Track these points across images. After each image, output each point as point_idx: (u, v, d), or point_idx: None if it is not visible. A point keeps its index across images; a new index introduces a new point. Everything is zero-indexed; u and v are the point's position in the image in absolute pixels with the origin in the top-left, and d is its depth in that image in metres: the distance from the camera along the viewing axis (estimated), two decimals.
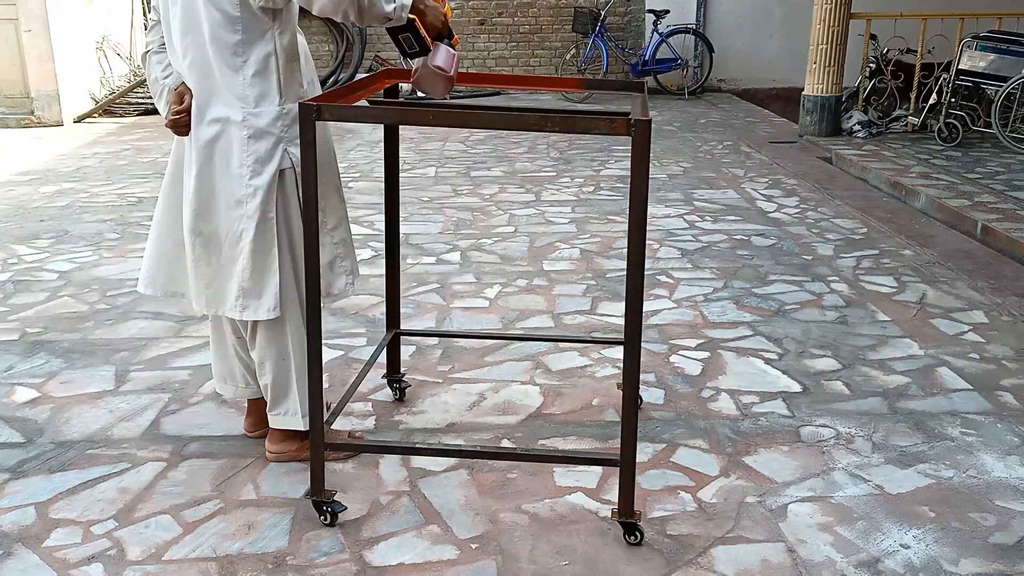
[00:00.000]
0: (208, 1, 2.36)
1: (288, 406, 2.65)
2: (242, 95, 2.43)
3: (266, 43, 2.43)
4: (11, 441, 2.87)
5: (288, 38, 2.48)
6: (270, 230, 2.47)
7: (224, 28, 2.38)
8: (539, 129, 2.13)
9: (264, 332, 2.58)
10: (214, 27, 2.38)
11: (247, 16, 2.38)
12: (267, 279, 2.49)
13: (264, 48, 2.43)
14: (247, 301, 2.50)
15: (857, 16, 8.06)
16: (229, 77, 2.42)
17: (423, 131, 8.77)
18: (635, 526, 2.33)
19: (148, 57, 2.65)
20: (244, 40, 2.40)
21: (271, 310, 2.50)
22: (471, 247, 4.96)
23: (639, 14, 11.96)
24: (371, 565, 2.26)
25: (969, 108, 7.76)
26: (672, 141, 8.37)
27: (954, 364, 3.45)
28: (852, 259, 4.77)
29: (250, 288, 2.50)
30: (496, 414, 3.05)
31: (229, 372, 2.77)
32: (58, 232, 5.29)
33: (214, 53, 2.41)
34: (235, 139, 2.44)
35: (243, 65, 2.42)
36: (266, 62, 2.44)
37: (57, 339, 3.68)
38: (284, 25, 2.46)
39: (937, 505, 2.52)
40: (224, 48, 2.40)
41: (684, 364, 3.46)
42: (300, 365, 2.57)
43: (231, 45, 2.40)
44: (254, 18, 2.39)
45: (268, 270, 2.49)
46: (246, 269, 2.48)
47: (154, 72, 2.62)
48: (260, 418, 2.80)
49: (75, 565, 2.26)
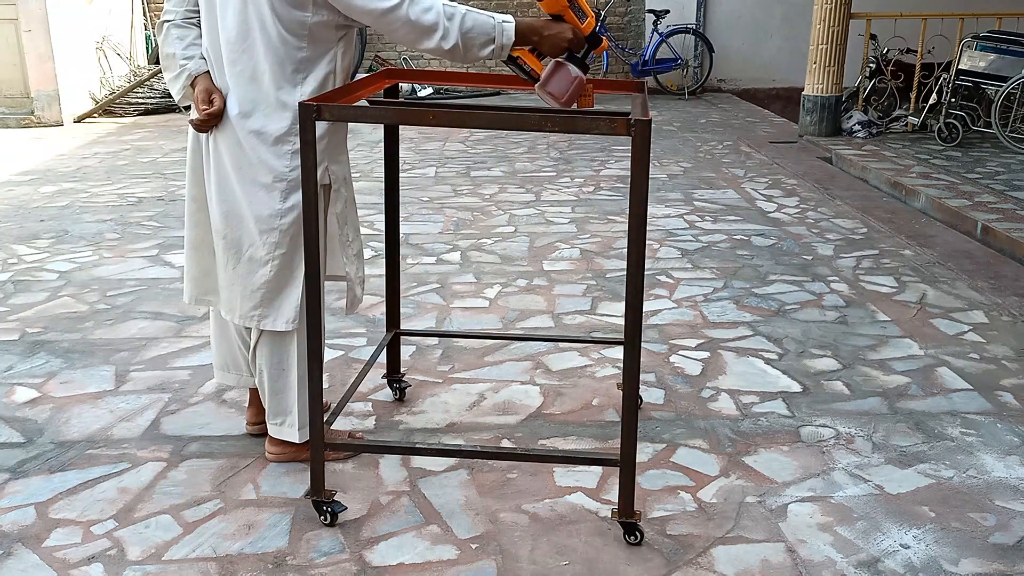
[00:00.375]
0: (276, 15, 2.30)
1: (286, 417, 2.63)
2: (295, 111, 2.35)
3: (328, 63, 2.41)
4: (11, 441, 2.87)
5: (348, 59, 2.47)
6: (300, 244, 2.42)
7: (289, 44, 2.34)
8: (539, 129, 2.13)
9: (270, 341, 2.57)
10: (278, 41, 2.33)
11: (316, 34, 2.35)
12: (290, 292, 2.49)
13: (326, 67, 2.41)
14: (266, 311, 2.50)
15: (857, 16, 8.06)
16: (286, 92, 2.37)
17: (423, 131, 8.77)
18: (635, 526, 2.33)
19: (167, 28, 2.50)
20: (308, 58, 2.37)
21: (289, 322, 2.50)
22: (471, 247, 4.96)
23: (639, 14, 11.96)
24: (371, 565, 2.26)
25: (969, 108, 7.76)
26: (672, 141, 8.37)
27: (954, 364, 3.45)
28: (852, 259, 4.77)
29: (272, 299, 2.49)
30: (496, 414, 3.05)
31: (232, 361, 2.75)
32: (58, 232, 5.29)
33: (273, 66, 2.35)
34: (275, 152, 2.40)
35: (303, 82, 2.38)
36: (325, 81, 2.42)
37: (57, 339, 3.68)
38: (346, 46, 2.44)
39: (937, 505, 2.53)
40: (286, 63, 2.35)
41: (684, 364, 3.46)
42: (303, 377, 2.53)
43: (295, 61, 2.36)
44: (322, 37, 2.36)
45: (292, 284, 2.49)
46: (271, 280, 2.47)
47: (173, 47, 2.47)
48: (262, 409, 2.76)
49: (75, 565, 2.26)
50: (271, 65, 2.35)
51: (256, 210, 2.44)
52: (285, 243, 2.46)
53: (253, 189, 2.43)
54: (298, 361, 2.55)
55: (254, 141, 2.40)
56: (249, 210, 2.44)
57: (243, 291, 2.51)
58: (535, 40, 2.34)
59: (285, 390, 2.60)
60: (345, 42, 2.44)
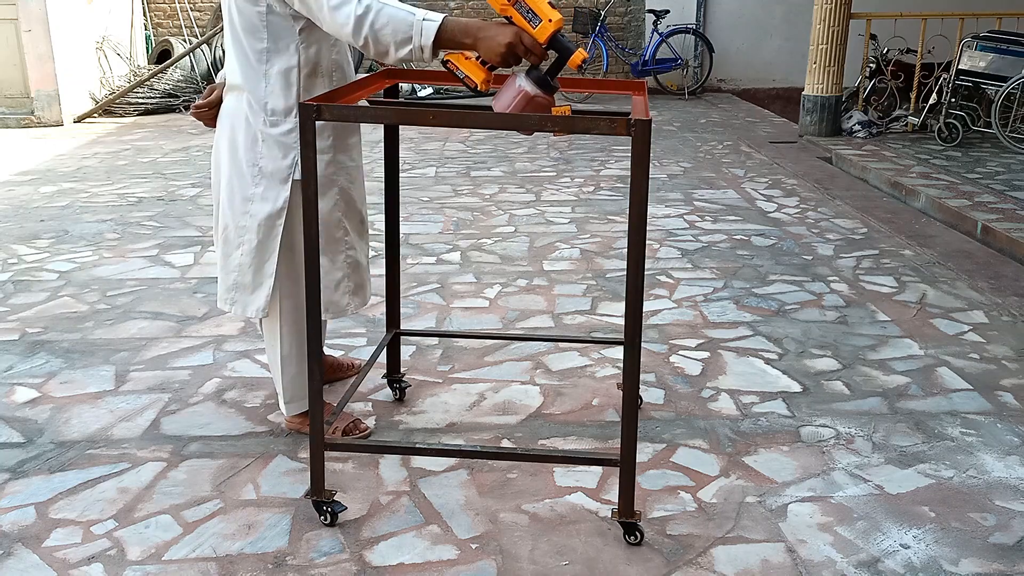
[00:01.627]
0: (236, 7, 2.38)
1: (279, 391, 2.80)
2: (263, 103, 2.46)
3: (290, 55, 2.43)
4: (11, 441, 2.87)
5: (313, 52, 2.47)
6: (274, 236, 2.53)
7: (251, 35, 2.41)
8: (539, 129, 2.13)
9: (264, 322, 2.72)
10: (242, 32, 2.41)
11: (273, 26, 2.39)
12: (261, 280, 2.58)
13: (288, 60, 2.44)
14: (238, 296, 2.62)
15: (857, 16, 8.06)
16: (253, 83, 2.45)
17: (423, 131, 8.77)
18: (635, 526, 2.33)
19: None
20: (269, 49, 2.42)
21: (259, 310, 2.62)
22: (471, 247, 4.96)
23: (639, 14, 11.96)
24: (371, 565, 2.26)
25: (969, 108, 7.75)
26: (672, 141, 8.37)
27: (954, 364, 3.45)
28: (852, 259, 4.77)
29: (244, 285, 2.60)
30: (496, 414, 3.05)
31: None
32: (58, 232, 5.29)
33: (240, 57, 2.44)
34: (248, 139, 2.50)
35: (265, 74, 2.44)
36: (287, 74, 2.45)
37: (57, 339, 3.68)
38: (310, 39, 2.44)
39: (937, 505, 2.52)
40: (249, 53, 2.43)
41: (684, 364, 3.46)
42: (287, 356, 2.70)
43: (256, 52, 2.43)
44: (280, 28, 2.40)
45: (264, 273, 2.57)
46: (244, 266, 2.58)
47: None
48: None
49: (75, 565, 2.26)
50: (239, 56, 2.45)
51: (230, 193, 2.56)
52: (254, 229, 2.54)
53: (231, 172, 2.55)
54: (283, 340, 2.68)
55: (235, 126, 2.52)
56: (226, 192, 2.57)
57: (222, 274, 2.65)
58: (468, 43, 2.11)
59: (275, 365, 2.76)
60: (308, 35, 2.43)
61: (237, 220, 2.56)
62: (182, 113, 10.05)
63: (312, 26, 2.43)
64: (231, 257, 2.60)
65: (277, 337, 2.69)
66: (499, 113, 2.21)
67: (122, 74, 10.40)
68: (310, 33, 2.44)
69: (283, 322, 2.66)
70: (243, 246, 2.56)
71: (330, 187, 2.63)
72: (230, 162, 2.55)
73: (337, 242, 2.67)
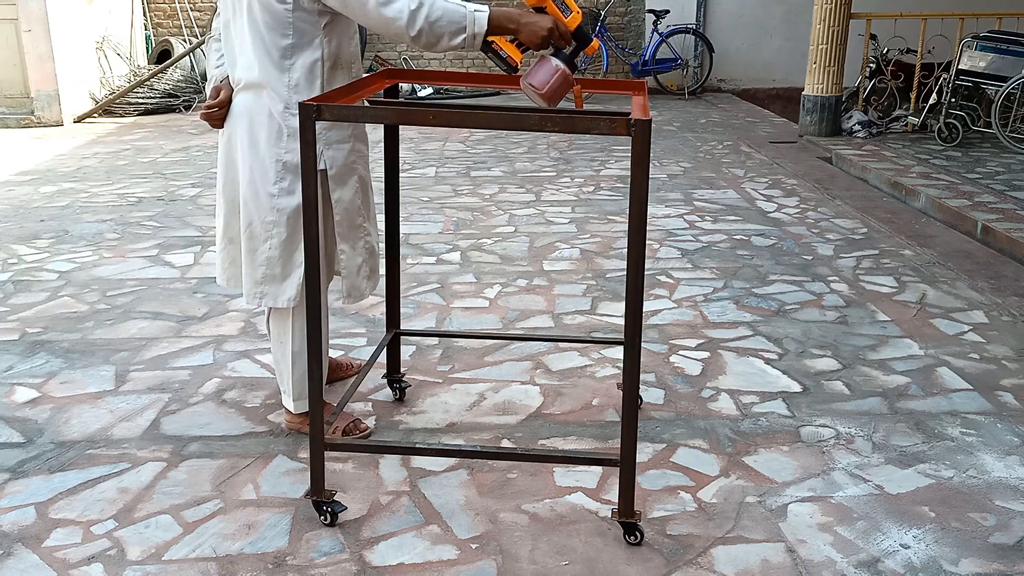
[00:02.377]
0: (259, 5, 2.40)
1: (285, 386, 2.80)
2: (286, 97, 2.48)
3: (314, 50, 2.48)
4: (11, 441, 2.87)
5: (335, 45, 2.51)
6: (299, 226, 2.54)
7: (275, 31, 2.43)
8: (539, 129, 2.13)
9: (275, 316, 2.74)
10: (264, 29, 2.43)
11: (299, 22, 2.42)
12: (292, 270, 2.61)
13: (312, 55, 2.47)
14: (268, 288, 2.63)
15: (857, 16, 8.06)
16: (275, 79, 2.47)
17: (423, 131, 8.77)
18: (635, 526, 2.33)
19: (209, 43, 2.73)
20: (294, 44, 2.45)
21: (291, 299, 2.63)
22: (471, 247, 4.96)
23: (639, 14, 11.96)
24: (371, 565, 2.26)
25: (969, 108, 7.75)
26: (672, 141, 8.37)
27: (954, 364, 3.45)
28: (852, 259, 4.77)
29: (274, 276, 2.61)
30: (496, 414, 3.05)
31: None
32: (58, 232, 5.29)
33: (260, 53, 2.45)
34: (269, 134, 2.52)
35: (290, 68, 2.47)
36: (312, 68, 2.48)
37: (57, 339, 3.68)
38: (332, 33, 2.49)
39: (937, 505, 2.52)
40: (272, 50, 2.45)
41: (684, 364, 3.46)
42: (298, 352, 2.70)
43: (280, 48, 2.45)
44: (305, 24, 2.43)
45: (293, 263, 2.60)
46: (273, 259, 2.59)
47: (211, 59, 2.71)
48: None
49: (75, 565, 2.26)
50: (260, 53, 2.46)
51: (254, 189, 2.57)
52: (283, 222, 2.57)
53: (253, 169, 2.56)
54: (294, 336, 2.69)
55: (255, 123, 2.53)
56: (248, 189, 2.58)
57: (248, 269, 2.65)
58: (512, 28, 2.32)
59: (283, 361, 2.76)
60: (331, 29, 2.49)
61: (263, 216, 2.57)
62: (182, 113, 10.06)
63: (335, 20, 2.47)
64: (258, 252, 2.60)
65: (289, 333, 2.70)
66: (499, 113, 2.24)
67: (122, 74, 10.41)
68: (333, 27, 2.49)
69: (295, 317, 2.67)
70: (271, 239, 2.58)
71: (351, 175, 2.66)
72: (251, 158, 2.55)
73: (358, 228, 2.71)
